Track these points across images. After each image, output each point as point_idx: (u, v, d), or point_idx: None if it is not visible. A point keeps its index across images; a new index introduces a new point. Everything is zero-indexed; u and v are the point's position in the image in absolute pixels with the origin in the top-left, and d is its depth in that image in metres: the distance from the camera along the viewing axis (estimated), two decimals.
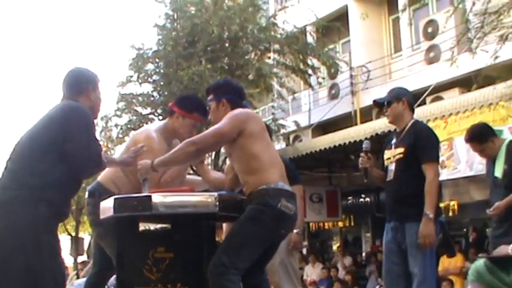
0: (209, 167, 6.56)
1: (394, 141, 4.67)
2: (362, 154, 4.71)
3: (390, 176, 4.59)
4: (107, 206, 3.73)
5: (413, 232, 4.34)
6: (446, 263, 10.45)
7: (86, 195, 4.54)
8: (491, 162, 5.21)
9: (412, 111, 4.72)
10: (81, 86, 3.84)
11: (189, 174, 5.27)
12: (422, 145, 4.44)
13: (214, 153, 13.31)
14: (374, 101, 5.00)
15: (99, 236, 4.51)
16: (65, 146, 3.58)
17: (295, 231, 5.53)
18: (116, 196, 3.72)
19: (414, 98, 5.18)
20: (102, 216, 3.86)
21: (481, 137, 5.22)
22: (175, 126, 4.39)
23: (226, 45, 13.93)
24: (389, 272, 4.63)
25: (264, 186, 3.64)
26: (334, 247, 16.89)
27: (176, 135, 4.39)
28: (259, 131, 3.81)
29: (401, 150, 4.51)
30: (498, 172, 5.07)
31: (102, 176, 4.49)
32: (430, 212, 4.27)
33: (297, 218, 3.84)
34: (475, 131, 5.34)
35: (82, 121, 3.67)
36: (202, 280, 3.54)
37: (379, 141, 8.19)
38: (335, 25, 14.64)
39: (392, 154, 4.60)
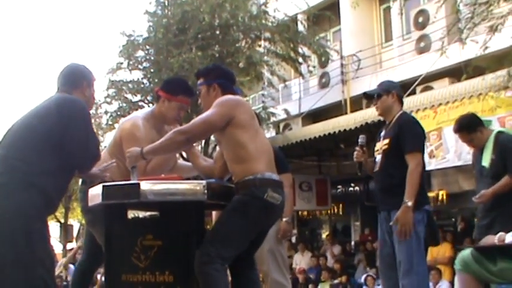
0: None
1: (383, 133, 4.75)
2: (357, 148, 4.78)
3: (377, 166, 4.67)
4: (95, 193, 3.73)
5: None
6: (434, 253, 10.52)
7: (80, 182, 4.55)
8: (479, 152, 5.28)
9: (401, 103, 4.80)
10: (76, 80, 3.87)
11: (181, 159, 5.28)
12: (405, 136, 4.50)
13: (204, 141, 13.31)
14: (364, 93, 5.10)
15: (89, 223, 4.52)
16: (63, 139, 3.57)
17: (284, 219, 5.54)
18: (104, 183, 3.71)
19: (404, 88, 5.24)
20: (90, 204, 3.85)
21: (469, 127, 5.28)
22: (162, 111, 4.38)
23: (217, 32, 13.90)
24: (382, 262, 4.73)
25: (250, 177, 3.64)
26: (323, 236, 16.93)
27: (164, 120, 4.39)
28: (249, 119, 3.79)
29: (386, 141, 4.59)
30: (486, 162, 5.14)
31: None
32: (409, 200, 4.32)
33: (284, 206, 3.84)
34: (464, 121, 5.39)
35: (80, 114, 3.67)
36: (190, 268, 3.53)
37: (369, 131, 8.25)
38: (326, 14, 14.64)
39: (380, 146, 4.68)
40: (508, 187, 4.97)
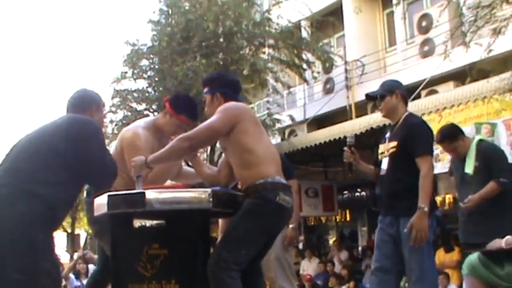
0: (205, 162, 6.55)
1: (388, 135, 4.63)
2: (346, 148, 4.66)
3: (384, 170, 4.54)
4: (100, 203, 3.72)
5: None
6: (442, 257, 10.47)
7: (84, 195, 4.54)
8: (459, 160, 5.51)
9: (406, 103, 4.68)
10: (85, 104, 3.91)
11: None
12: (415, 138, 4.38)
13: (209, 148, 13.31)
14: (366, 94, 4.97)
15: (97, 234, 4.52)
16: (76, 158, 3.57)
17: (290, 226, 5.53)
18: (109, 193, 3.71)
19: (409, 92, 5.20)
20: (96, 213, 3.85)
21: (451, 136, 5.51)
22: (161, 123, 4.38)
23: (221, 40, 13.91)
24: (377, 264, 4.56)
25: (261, 181, 3.64)
26: (330, 241, 16.88)
27: (162, 132, 4.37)
28: (253, 124, 3.80)
29: (394, 144, 4.46)
30: (469, 169, 5.34)
31: None
32: (425, 206, 4.20)
33: (293, 211, 3.83)
34: (446, 131, 5.61)
35: (95, 134, 3.72)
36: (196, 277, 3.54)
37: (375, 135, 8.23)
38: (329, 20, 14.63)
39: (385, 148, 4.56)
40: (494, 192, 5.17)
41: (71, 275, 12.93)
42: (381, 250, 4.55)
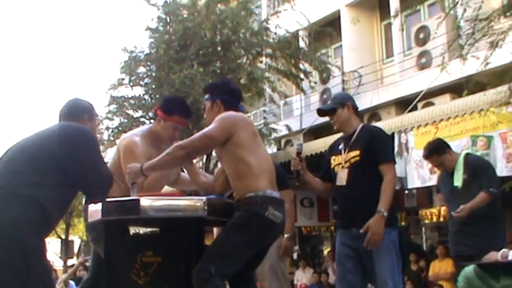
0: (200, 170, 6.53)
1: (341, 146, 4.55)
2: (294, 156, 4.56)
3: (342, 181, 4.43)
4: (94, 209, 3.71)
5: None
6: (436, 268, 10.47)
7: (83, 202, 4.52)
8: (446, 174, 5.62)
9: (357, 114, 4.64)
10: (77, 113, 3.88)
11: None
12: (378, 146, 4.36)
13: (205, 156, 13.29)
14: (318, 109, 4.94)
15: (94, 240, 4.48)
16: (68, 164, 3.54)
17: (285, 235, 5.52)
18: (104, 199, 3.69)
19: (405, 104, 5.20)
20: (90, 220, 3.83)
21: (438, 150, 5.62)
22: (157, 130, 4.31)
23: (219, 49, 13.94)
24: (343, 280, 4.45)
25: (251, 194, 3.63)
26: (325, 252, 16.85)
27: (160, 139, 4.31)
28: (250, 135, 3.79)
29: (356, 153, 4.38)
30: (458, 182, 5.43)
31: None
32: (385, 210, 4.14)
33: (284, 225, 3.80)
34: (433, 145, 5.73)
35: (90, 144, 3.70)
36: (190, 285, 3.51)
37: None
38: (327, 30, 14.68)
39: (344, 159, 4.46)
40: (485, 201, 5.24)
41: (71, 281, 12.83)
42: (344, 265, 4.44)
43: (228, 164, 3.81)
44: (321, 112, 4.85)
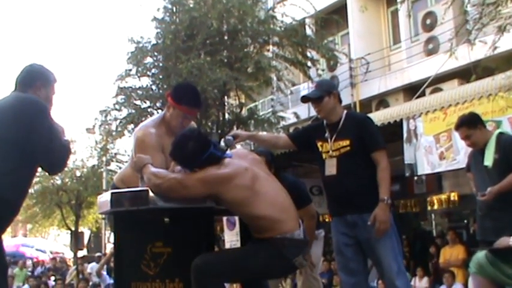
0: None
1: (327, 134, 4.49)
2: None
3: (332, 170, 4.39)
4: (103, 201, 3.71)
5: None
6: (447, 255, 10.45)
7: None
8: (478, 153, 5.38)
9: (340, 102, 4.63)
10: (31, 80, 3.76)
11: None
12: (369, 134, 4.35)
13: None
14: (303, 96, 4.84)
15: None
16: (25, 141, 3.45)
17: None
18: (113, 190, 3.69)
19: (413, 90, 5.18)
20: (100, 211, 3.84)
21: (470, 122, 5.39)
22: (167, 117, 4.18)
23: (225, 38, 13.89)
24: (345, 269, 4.47)
25: (278, 236, 3.51)
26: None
27: (170, 127, 4.16)
28: (248, 185, 3.54)
29: (346, 142, 4.35)
30: (488, 161, 5.21)
31: (116, 175, 4.44)
32: (387, 198, 4.17)
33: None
34: (465, 117, 5.53)
35: (41, 115, 3.57)
36: None
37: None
38: (334, 17, 14.60)
39: (332, 148, 4.41)
40: None
41: (104, 272, 12.75)
42: (343, 255, 4.45)
43: (246, 220, 3.72)
44: (305, 99, 4.80)
